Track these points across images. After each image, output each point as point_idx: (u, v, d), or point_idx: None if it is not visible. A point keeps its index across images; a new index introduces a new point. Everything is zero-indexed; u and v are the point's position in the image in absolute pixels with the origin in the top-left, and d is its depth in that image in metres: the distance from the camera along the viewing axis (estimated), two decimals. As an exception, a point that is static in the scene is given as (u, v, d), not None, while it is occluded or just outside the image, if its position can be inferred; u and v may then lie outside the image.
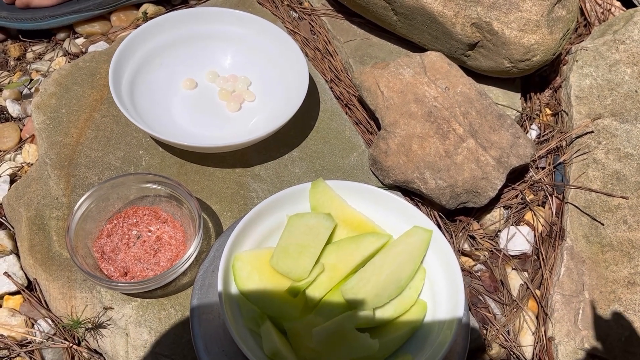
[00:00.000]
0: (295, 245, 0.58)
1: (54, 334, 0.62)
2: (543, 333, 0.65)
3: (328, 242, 0.59)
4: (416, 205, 0.72)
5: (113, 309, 0.60)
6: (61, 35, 0.90)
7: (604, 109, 0.80)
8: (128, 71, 0.73)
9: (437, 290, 0.58)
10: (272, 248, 0.59)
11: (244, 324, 0.54)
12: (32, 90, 0.84)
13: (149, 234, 0.63)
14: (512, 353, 0.64)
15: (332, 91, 0.82)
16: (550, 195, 0.75)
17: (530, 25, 0.73)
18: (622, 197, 0.71)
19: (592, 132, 0.78)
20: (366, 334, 0.54)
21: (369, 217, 0.62)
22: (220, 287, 0.53)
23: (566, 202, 0.73)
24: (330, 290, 0.57)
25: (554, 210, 0.74)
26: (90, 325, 0.60)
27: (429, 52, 0.76)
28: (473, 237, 0.73)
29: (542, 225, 0.73)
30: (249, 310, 0.56)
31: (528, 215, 0.74)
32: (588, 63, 0.85)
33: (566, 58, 0.90)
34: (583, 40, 0.90)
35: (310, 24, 0.91)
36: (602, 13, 0.98)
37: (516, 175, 0.77)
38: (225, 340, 0.56)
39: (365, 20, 0.90)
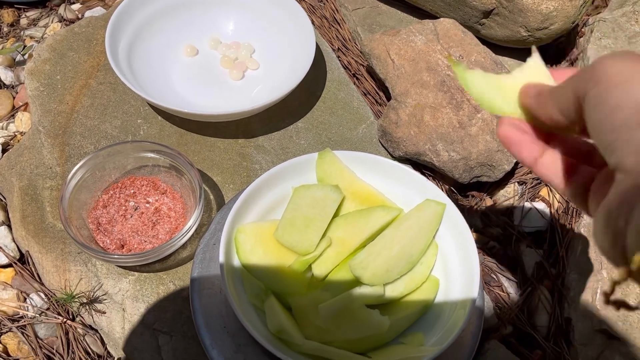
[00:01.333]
0: (301, 218, 0.55)
1: (47, 309, 0.59)
2: (559, 313, 0.62)
3: (335, 215, 0.56)
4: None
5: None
6: (56, 1, 0.86)
7: (624, 82, 0.76)
8: (126, 37, 0.69)
9: (450, 267, 0.55)
10: (276, 221, 0.56)
11: (247, 300, 0.51)
12: (26, 56, 0.80)
13: (147, 205, 0.60)
14: (526, 333, 0.61)
15: (339, 60, 0.78)
16: (567, 170, 0.72)
17: (549, -9, 0.69)
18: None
19: (611, 105, 0.74)
20: (376, 310, 0.51)
21: (379, 190, 0.59)
22: (222, 260, 0.50)
23: (583, 178, 0.70)
24: (337, 265, 0.55)
25: (571, 186, 0.71)
26: (85, 300, 0.57)
27: (442, 19, 0.72)
28: (486, 214, 0.69)
29: (558, 202, 0.70)
30: (252, 285, 0.53)
31: (543, 191, 0.71)
32: (606, 35, 0.81)
33: (583, 30, 0.86)
34: (600, 12, 0.86)
35: (316, -9, 0.87)
36: (621, -16, 0.94)
37: (531, 149, 0.73)
38: (227, 316, 0.53)
39: (374, -13, 0.86)
